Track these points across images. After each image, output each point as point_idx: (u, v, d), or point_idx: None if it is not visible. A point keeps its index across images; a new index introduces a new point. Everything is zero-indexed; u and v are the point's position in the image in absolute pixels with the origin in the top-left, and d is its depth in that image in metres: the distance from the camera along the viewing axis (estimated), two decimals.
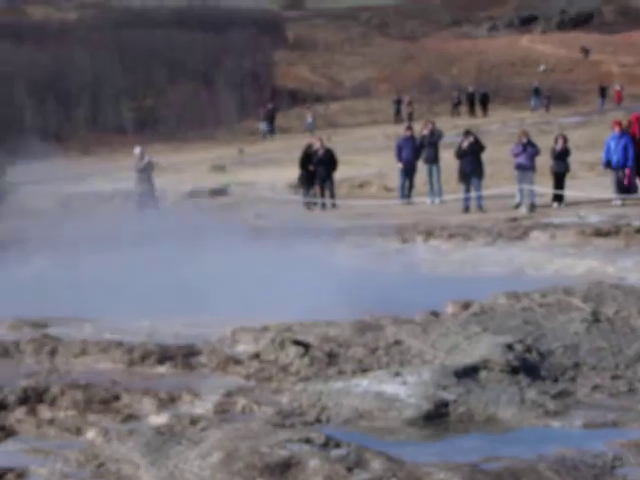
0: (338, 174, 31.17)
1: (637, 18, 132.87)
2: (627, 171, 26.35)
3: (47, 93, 79.66)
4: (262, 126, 64.49)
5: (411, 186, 30.04)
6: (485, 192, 26.86)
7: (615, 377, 7.89)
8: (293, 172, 32.19)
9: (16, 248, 18.08)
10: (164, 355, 8.63)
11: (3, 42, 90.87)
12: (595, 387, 7.62)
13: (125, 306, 11.21)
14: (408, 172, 30.06)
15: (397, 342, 8.92)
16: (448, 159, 28.95)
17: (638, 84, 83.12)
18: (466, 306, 10.53)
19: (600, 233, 18.70)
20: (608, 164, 26.94)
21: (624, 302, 10.47)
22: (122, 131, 67.74)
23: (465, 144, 27.24)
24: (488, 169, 27.34)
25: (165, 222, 22.22)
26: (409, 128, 33.94)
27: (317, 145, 31.16)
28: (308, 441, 5.87)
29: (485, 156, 27.35)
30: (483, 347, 8.38)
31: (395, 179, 30.88)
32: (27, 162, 31.82)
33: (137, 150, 30.77)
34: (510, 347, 8.33)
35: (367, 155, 36.35)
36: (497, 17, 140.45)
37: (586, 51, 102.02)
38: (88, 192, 32.26)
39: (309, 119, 66.79)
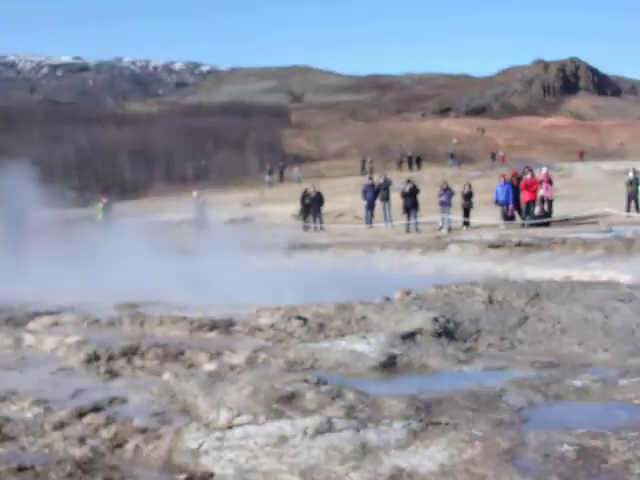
0: (325, 208, 31.35)
1: (513, 110, 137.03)
2: (509, 207, 26.58)
3: (138, 158, 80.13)
4: (266, 178, 64.88)
5: (372, 216, 30.14)
6: (420, 220, 27.02)
7: (502, 338, 7.90)
8: (295, 206, 32.37)
9: (118, 258, 18.06)
10: (213, 326, 8.64)
11: (110, 126, 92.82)
12: (489, 345, 7.63)
13: (188, 293, 11.21)
14: (370, 207, 30.24)
15: (363, 317, 8.92)
16: (395, 198, 29.10)
17: (515, 151, 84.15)
18: (408, 293, 10.56)
19: (492, 246, 18.72)
20: (497, 202, 27.12)
21: (508, 290, 10.49)
22: (185, 181, 67.73)
23: (407, 188, 27.47)
24: (422, 205, 27.45)
25: (213, 240, 22.24)
26: (370, 178, 34.14)
27: (311, 189, 31.35)
28: (306, 381, 5.87)
29: (420, 196, 27.50)
30: (419, 320, 8.39)
31: (362, 212, 30.99)
32: (124, 201, 31.85)
33: (195, 193, 31.11)
34: (436, 319, 8.34)
35: (343, 196, 36.45)
36: (426, 108, 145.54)
37: (482, 130, 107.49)
38: (163, 221, 32.27)
39: (298, 173, 67.54)
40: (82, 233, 21.91)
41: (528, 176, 27.45)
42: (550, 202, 26.82)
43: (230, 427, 5.03)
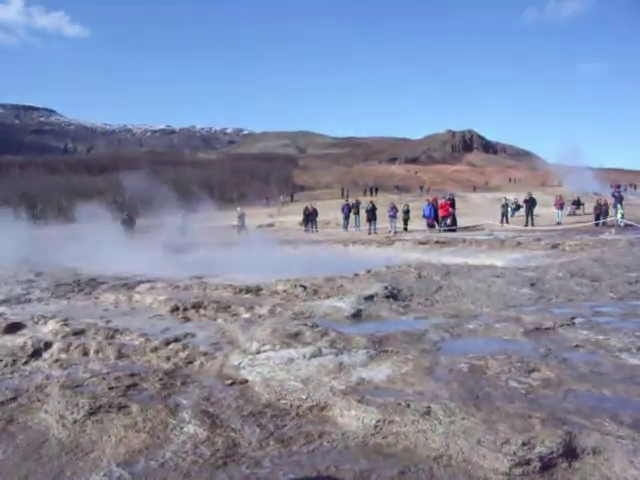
0: (318, 218, 31.17)
1: (434, 160, 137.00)
2: (430, 220, 26.57)
3: (204, 187, 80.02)
4: (281, 198, 65.60)
5: (347, 223, 29.99)
6: (377, 226, 26.90)
7: (426, 299, 7.87)
8: (300, 217, 32.16)
9: (191, 248, 18.03)
10: (248, 290, 8.60)
11: (187, 167, 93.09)
12: (418, 303, 7.60)
13: (235, 269, 11.18)
14: (346, 218, 30.06)
15: (341, 285, 8.89)
16: (362, 213, 29.03)
17: (435, 185, 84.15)
18: (369, 271, 10.49)
19: (421, 243, 18.69)
20: (424, 216, 27.10)
21: (430, 270, 10.47)
22: (232, 201, 67.48)
23: (369, 207, 27.39)
24: (378, 217, 27.34)
25: (249, 238, 22.17)
26: (347, 200, 34.34)
27: (310, 206, 31.15)
28: (305, 325, 5.85)
29: (377, 212, 27.42)
30: (375, 287, 8.36)
31: (341, 221, 30.87)
32: (194, 213, 31.82)
33: (238, 208, 30.93)
34: (386, 287, 8.31)
35: (330, 211, 36.21)
36: (381, 158, 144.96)
37: (415, 172, 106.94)
38: (219, 225, 32.20)
39: (282, 197, 68.78)
40: (169, 233, 21.91)
41: (442, 200, 27.52)
42: (454, 217, 26.89)
43: (258, 352, 5.04)
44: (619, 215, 25.02)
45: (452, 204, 27.47)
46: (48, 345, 5.51)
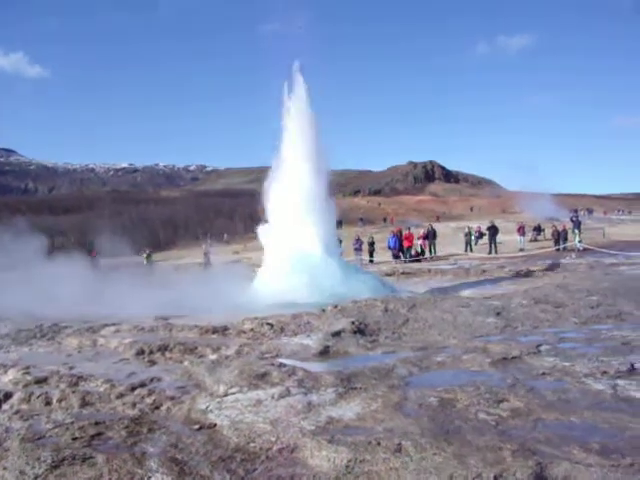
0: None
1: (397, 191, 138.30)
2: (394, 251, 26.73)
3: (168, 225, 79.11)
4: (225, 237, 65.39)
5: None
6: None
7: (393, 333, 7.90)
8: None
9: (159, 284, 17.77)
10: (214, 330, 8.49)
11: (150, 205, 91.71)
12: (386, 337, 7.61)
13: (202, 309, 11.04)
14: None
15: (308, 322, 8.85)
16: None
17: (398, 216, 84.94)
18: (336, 306, 10.40)
19: (387, 274, 18.79)
20: (389, 247, 27.28)
21: (396, 302, 10.51)
22: (197, 238, 67.13)
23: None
24: (344, 249, 27.44)
25: (214, 272, 22.00)
26: None
27: None
28: (273, 364, 5.80)
29: (342, 244, 27.46)
30: (342, 323, 8.35)
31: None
32: (159, 252, 31.44)
33: (203, 245, 30.74)
34: (353, 323, 8.30)
35: None
36: (345, 190, 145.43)
37: (379, 203, 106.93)
38: (183, 263, 31.92)
39: (225, 236, 68.20)
40: (135, 272, 21.58)
41: (406, 231, 27.82)
42: (421, 247, 27.16)
43: (226, 395, 4.97)
44: (577, 239, 25.64)
45: (433, 235, 27.92)
46: (8, 395, 5.33)
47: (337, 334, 7.63)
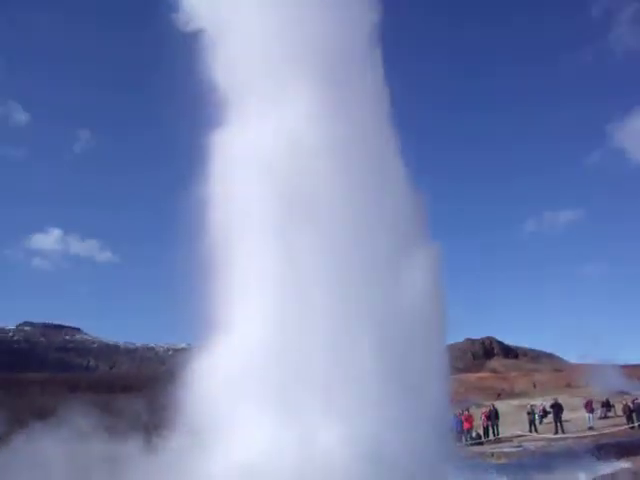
0: None
1: (457, 369, 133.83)
2: (457, 434, 25.60)
3: None
4: None
5: None
6: None
7: None
8: None
9: None
10: None
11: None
12: None
13: None
14: None
15: None
16: None
17: (459, 396, 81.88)
18: None
19: None
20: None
21: None
22: None
23: None
24: None
25: None
26: None
27: None
28: None
29: None
30: None
31: None
32: None
33: None
34: None
35: None
36: None
37: None
38: None
39: None
40: None
41: (465, 412, 26.92)
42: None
43: None
44: None
45: (496, 415, 27.01)
46: None
47: None
